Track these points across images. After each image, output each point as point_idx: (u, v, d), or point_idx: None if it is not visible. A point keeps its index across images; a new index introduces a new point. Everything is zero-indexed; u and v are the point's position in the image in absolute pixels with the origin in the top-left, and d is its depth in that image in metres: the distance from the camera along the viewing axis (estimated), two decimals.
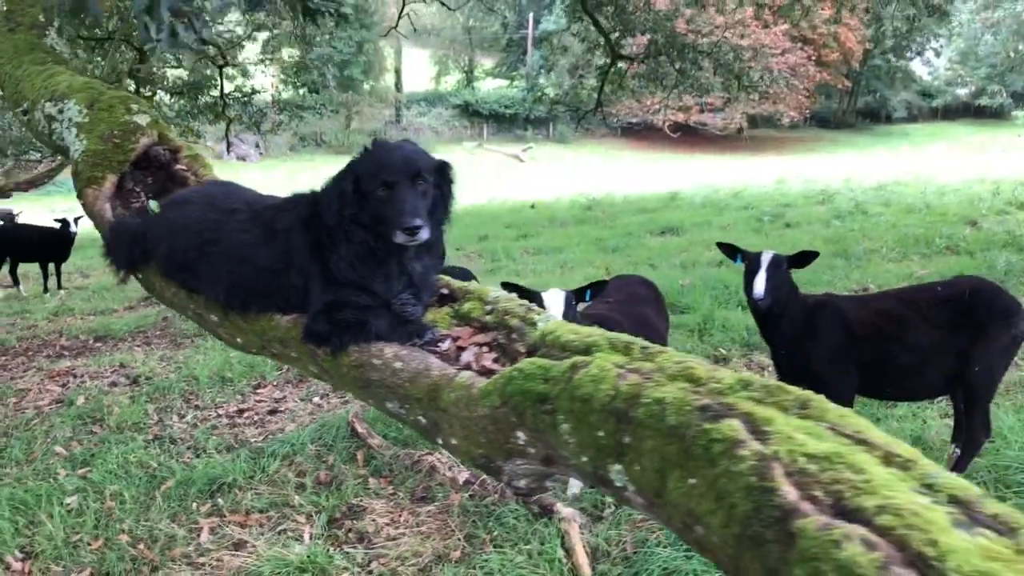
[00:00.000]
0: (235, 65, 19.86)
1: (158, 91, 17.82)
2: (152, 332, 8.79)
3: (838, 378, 4.06)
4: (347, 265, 2.10)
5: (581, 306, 4.33)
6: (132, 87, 16.53)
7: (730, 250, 4.25)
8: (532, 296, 4.01)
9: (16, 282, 11.85)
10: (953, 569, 0.97)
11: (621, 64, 16.69)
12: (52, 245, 11.77)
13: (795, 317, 4.08)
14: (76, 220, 11.16)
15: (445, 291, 2.25)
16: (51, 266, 11.96)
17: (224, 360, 7.03)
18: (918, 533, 1.01)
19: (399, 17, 20.52)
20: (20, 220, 15.34)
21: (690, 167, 39.02)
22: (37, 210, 20.52)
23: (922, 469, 1.15)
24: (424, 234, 2.04)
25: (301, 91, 47.17)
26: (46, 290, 11.80)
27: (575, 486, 4.44)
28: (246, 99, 18.88)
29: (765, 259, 3.98)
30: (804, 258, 4.06)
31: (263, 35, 21.08)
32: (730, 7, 16.07)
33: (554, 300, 3.90)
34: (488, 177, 39.21)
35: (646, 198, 19.64)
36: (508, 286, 4.22)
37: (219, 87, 17.36)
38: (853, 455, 1.17)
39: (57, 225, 11.74)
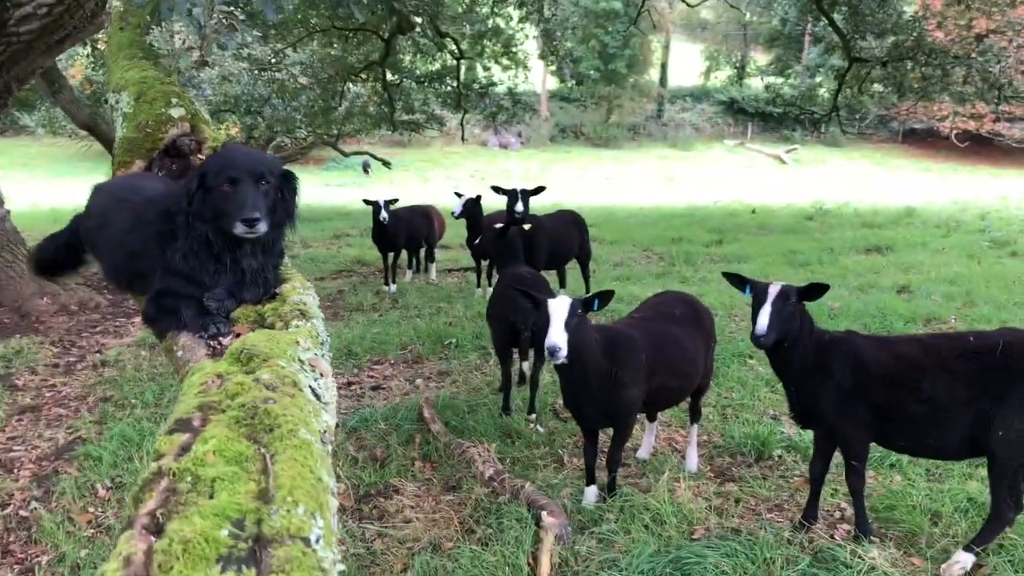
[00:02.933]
0: (477, 56, 20.30)
1: (404, 79, 19.19)
2: (324, 303, 9.62)
3: (848, 422, 3.69)
4: (182, 256, 2.34)
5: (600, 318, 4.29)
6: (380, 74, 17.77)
7: (738, 280, 3.97)
8: (538, 303, 4.04)
9: None
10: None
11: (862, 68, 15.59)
12: None
13: (806, 352, 3.76)
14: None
15: (277, 291, 2.43)
16: None
17: (358, 336, 7.62)
18: (161, 556, 1.08)
19: (638, 13, 20.59)
20: None
21: (969, 181, 35.34)
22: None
23: (273, 508, 1.19)
24: (262, 227, 2.23)
25: (569, 84, 48.32)
26: None
27: (591, 495, 4.42)
28: (483, 90, 19.73)
29: (772, 292, 3.69)
30: (814, 291, 3.72)
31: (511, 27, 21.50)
32: (995, 8, 14.37)
33: (558, 308, 3.91)
34: (738, 179, 37.97)
35: (878, 212, 18.11)
36: (519, 291, 4.29)
37: (456, 78, 18.35)
38: (228, 484, 1.23)
39: None
